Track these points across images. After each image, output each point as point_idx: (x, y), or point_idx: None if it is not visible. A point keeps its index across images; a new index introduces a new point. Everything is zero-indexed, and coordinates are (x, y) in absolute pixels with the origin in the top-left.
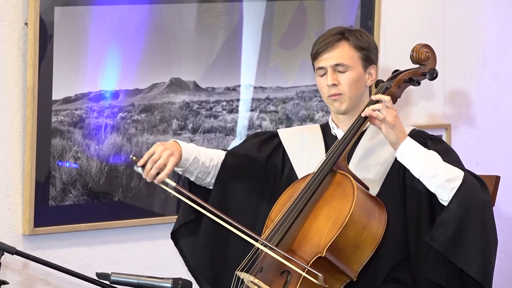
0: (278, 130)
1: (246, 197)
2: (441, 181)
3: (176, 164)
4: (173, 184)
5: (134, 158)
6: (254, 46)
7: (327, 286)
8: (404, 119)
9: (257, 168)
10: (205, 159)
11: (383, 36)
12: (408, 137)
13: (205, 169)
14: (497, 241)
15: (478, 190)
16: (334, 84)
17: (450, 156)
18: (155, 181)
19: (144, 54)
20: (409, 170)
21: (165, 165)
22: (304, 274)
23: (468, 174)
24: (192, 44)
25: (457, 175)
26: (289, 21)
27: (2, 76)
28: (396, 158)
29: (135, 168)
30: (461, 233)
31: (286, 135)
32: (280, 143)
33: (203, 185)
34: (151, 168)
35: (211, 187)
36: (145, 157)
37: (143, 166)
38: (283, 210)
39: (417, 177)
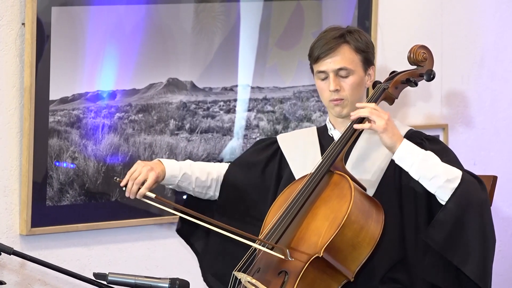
0: (277, 136)
1: (250, 204)
2: (440, 182)
3: (158, 179)
4: (153, 195)
5: (117, 179)
6: (252, 46)
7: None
8: (402, 119)
9: (258, 173)
10: (200, 174)
11: (380, 35)
12: (405, 139)
13: (202, 184)
14: (495, 240)
15: (476, 189)
16: (337, 90)
17: (447, 156)
18: (138, 197)
19: (141, 54)
20: (405, 170)
21: (145, 180)
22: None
23: (467, 173)
24: (190, 44)
25: (456, 175)
26: (286, 21)
27: None
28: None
29: (123, 189)
30: (458, 232)
31: (284, 140)
32: (278, 148)
33: (208, 199)
34: (132, 185)
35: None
36: (127, 176)
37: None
38: (281, 210)
39: (416, 179)
